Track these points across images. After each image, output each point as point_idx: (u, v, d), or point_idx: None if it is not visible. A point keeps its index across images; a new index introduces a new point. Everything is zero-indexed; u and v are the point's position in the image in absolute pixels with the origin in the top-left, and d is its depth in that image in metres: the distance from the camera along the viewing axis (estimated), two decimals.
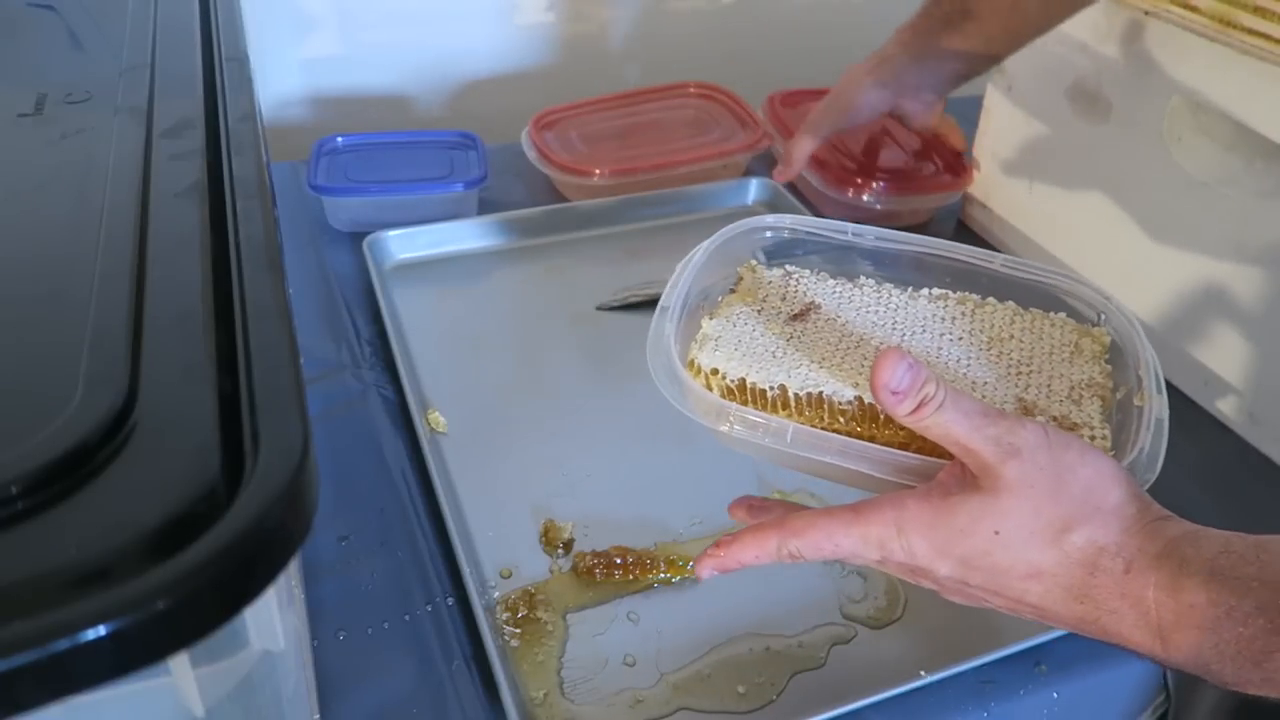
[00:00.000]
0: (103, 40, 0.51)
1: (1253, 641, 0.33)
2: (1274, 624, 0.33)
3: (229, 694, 0.32)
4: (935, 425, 0.38)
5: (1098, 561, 0.36)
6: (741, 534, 0.42)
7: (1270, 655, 0.33)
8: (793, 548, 0.40)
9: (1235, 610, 0.34)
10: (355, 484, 0.62)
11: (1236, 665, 0.34)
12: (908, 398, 0.38)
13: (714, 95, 1.02)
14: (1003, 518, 0.37)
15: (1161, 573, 0.35)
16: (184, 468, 0.25)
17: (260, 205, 0.36)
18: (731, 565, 0.42)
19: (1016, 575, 0.37)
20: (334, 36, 1.09)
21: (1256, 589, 0.34)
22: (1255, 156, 0.65)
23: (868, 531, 0.39)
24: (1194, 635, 0.34)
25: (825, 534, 0.40)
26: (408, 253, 0.84)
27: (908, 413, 0.38)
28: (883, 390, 0.38)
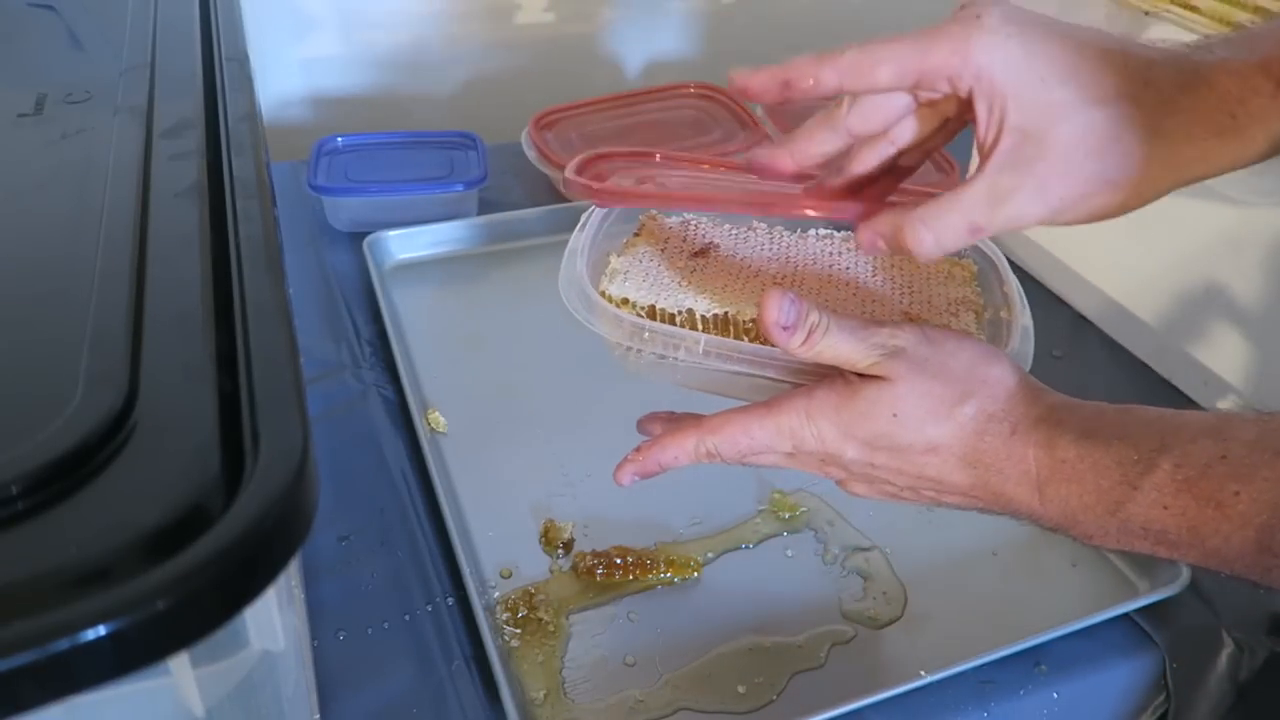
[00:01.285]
0: (103, 40, 0.51)
1: (1110, 491, 0.37)
2: (1127, 476, 0.37)
3: (229, 694, 0.32)
4: (826, 349, 0.40)
5: (986, 428, 0.39)
6: (660, 435, 0.44)
7: (1122, 505, 0.37)
8: (710, 445, 0.42)
9: (1099, 463, 0.37)
10: (355, 484, 0.62)
11: (1096, 515, 0.38)
12: (797, 330, 0.40)
13: (714, 95, 1.02)
14: (898, 401, 0.39)
15: (1040, 432, 0.39)
16: (184, 468, 0.25)
17: (260, 205, 0.36)
18: (651, 468, 0.44)
19: (917, 450, 0.40)
20: (334, 36, 1.09)
21: (1117, 446, 0.37)
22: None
23: (780, 421, 0.41)
24: (1064, 488, 0.38)
25: (741, 428, 0.42)
26: (408, 253, 0.84)
27: (799, 344, 0.40)
28: (773, 327, 0.40)
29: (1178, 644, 0.55)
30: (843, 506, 0.62)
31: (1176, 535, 0.36)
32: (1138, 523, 0.37)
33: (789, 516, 0.61)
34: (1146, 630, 0.56)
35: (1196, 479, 0.35)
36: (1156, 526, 0.36)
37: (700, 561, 0.58)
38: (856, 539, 0.60)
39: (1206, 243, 0.68)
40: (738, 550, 0.59)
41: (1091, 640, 0.55)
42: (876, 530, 0.61)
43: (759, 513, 0.62)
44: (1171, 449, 0.36)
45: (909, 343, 0.40)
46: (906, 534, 0.61)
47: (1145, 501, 0.36)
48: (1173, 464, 0.36)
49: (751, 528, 0.61)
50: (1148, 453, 0.36)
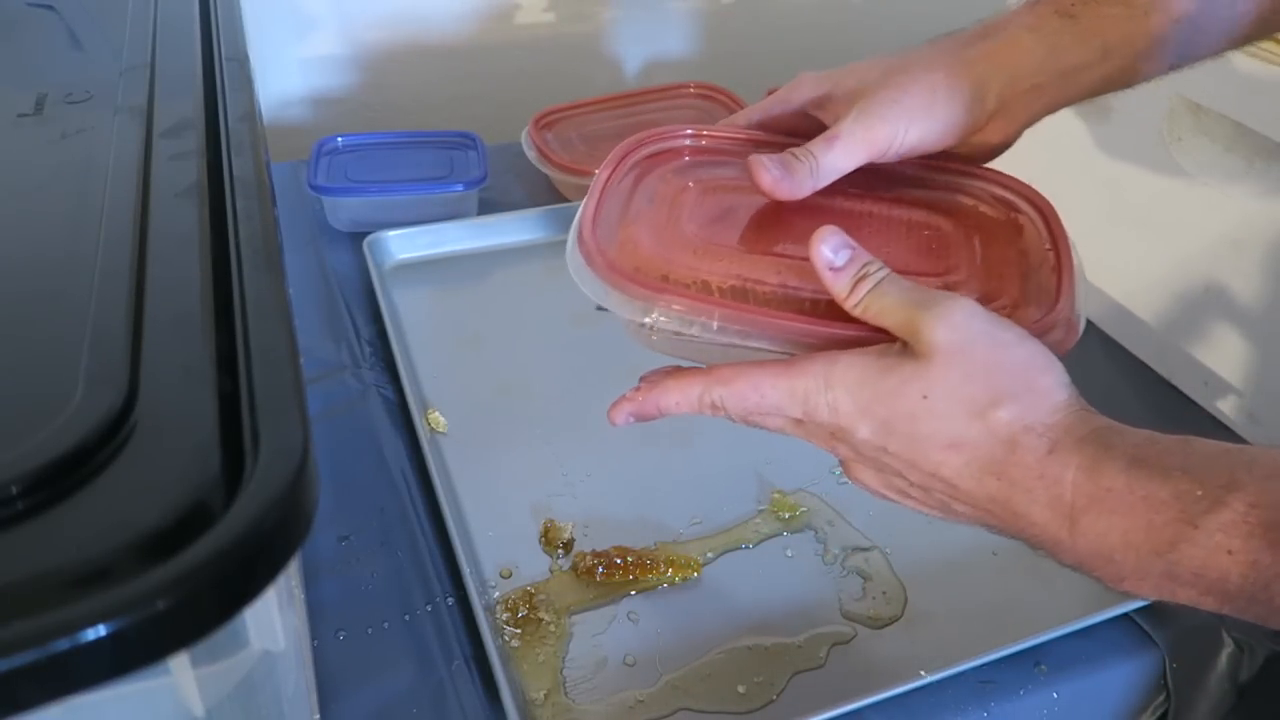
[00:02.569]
0: (103, 40, 0.51)
1: (1162, 529, 0.33)
2: (1187, 514, 0.32)
3: (229, 694, 0.32)
4: (873, 302, 0.37)
5: (1021, 439, 0.35)
6: (666, 378, 0.41)
7: (1175, 545, 0.32)
8: (716, 396, 0.39)
9: (1152, 497, 0.33)
10: (355, 484, 0.62)
11: (1139, 555, 0.33)
12: (846, 273, 0.38)
13: (714, 95, 1.02)
14: (933, 383, 0.36)
15: (1084, 455, 0.35)
16: (184, 468, 0.25)
17: (260, 205, 0.36)
18: (650, 410, 0.41)
19: (936, 445, 0.36)
20: (334, 36, 1.09)
21: (1177, 478, 0.33)
22: (1255, 156, 0.65)
23: (795, 384, 0.38)
24: (1104, 520, 0.34)
25: (752, 384, 0.38)
26: (408, 253, 0.84)
27: (847, 290, 0.38)
28: (823, 267, 0.38)
29: (1178, 644, 0.55)
30: (843, 506, 0.62)
31: (1238, 585, 0.32)
32: (1190, 567, 0.32)
33: (789, 516, 0.61)
34: (1146, 630, 0.56)
35: (1276, 523, 0.31)
36: (1214, 574, 0.32)
37: (700, 561, 0.58)
38: (856, 539, 0.60)
39: (1206, 243, 0.68)
40: (738, 550, 0.59)
41: (1091, 640, 0.55)
42: (876, 530, 0.61)
43: (759, 513, 0.62)
44: (1244, 486, 0.32)
45: (964, 315, 0.36)
46: (906, 534, 0.61)
47: (1205, 544, 0.32)
48: (1246, 504, 0.31)
49: (751, 528, 0.61)
50: (1214, 489, 0.32)
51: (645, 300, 0.40)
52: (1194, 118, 0.68)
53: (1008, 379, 0.36)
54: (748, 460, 0.65)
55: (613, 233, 0.44)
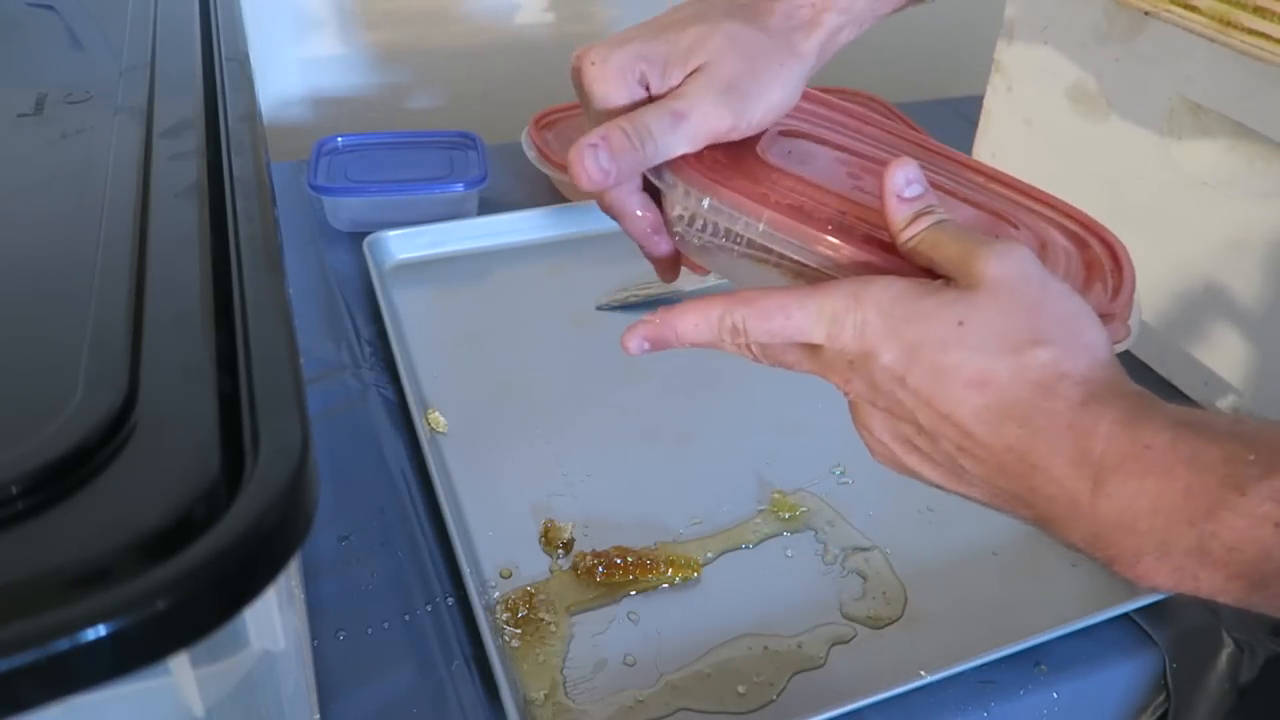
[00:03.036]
0: (103, 40, 0.51)
1: (1203, 494, 0.30)
2: (1235, 478, 0.30)
3: (229, 694, 0.32)
4: (927, 236, 0.36)
5: (1056, 386, 0.33)
6: (686, 301, 0.38)
7: (1215, 512, 0.30)
8: (738, 317, 0.37)
9: (1197, 458, 0.30)
10: (355, 484, 0.62)
11: (1170, 524, 0.30)
12: (911, 205, 0.36)
13: None
14: (972, 310, 0.34)
15: (1123, 409, 0.32)
16: (184, 468, 0.25)
17: (260, 205, 0.36)
18: (668, 335, 0.39)
19: (961, 379, 0.33)
20: (334, 36, 1.09)
21: (1226, 441, 0.30)
22: (1255, 156, 0.65)
23: (824, 304, 0.36)
24: (1136, 481, 0.31)
25: (778, 304, 0.36)
26: (408, 253, 0.84)
27: (907, 220, 0.36)
28: (890, 191, 0.36)
29: (1178, 644, 0.55)
30: (843, 506, 0.62)
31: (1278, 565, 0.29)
32: (1226, 540, 0.29)
33: (789, 516, 0.61)
34: (1146, 630, 0.56)
35: None
36: (1252, 550, 0.29)
37: (700, 561, 0.58)
38: (856, 539, 0.60)
39: (1207, 243, 0.68)
40: (738, 550, 0.59)
41: (1091, 640, 0.55)
42: (876, 530, 0.61)
43: (759, 513, 0.62)
44: None
45: (1020, 254, 0.34)
46: (906, 534, 0.61)
47: (1251, 513, 0.29)
48: None
49: (751, 528, 0.61)
50: (1269, 453, 0.29)
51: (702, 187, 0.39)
52: (1194, 118, 0.68)
53: (1052, 323, 0.33)
54: (748, 460, 0.65)
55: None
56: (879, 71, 1.26)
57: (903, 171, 0.37)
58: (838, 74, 0.85)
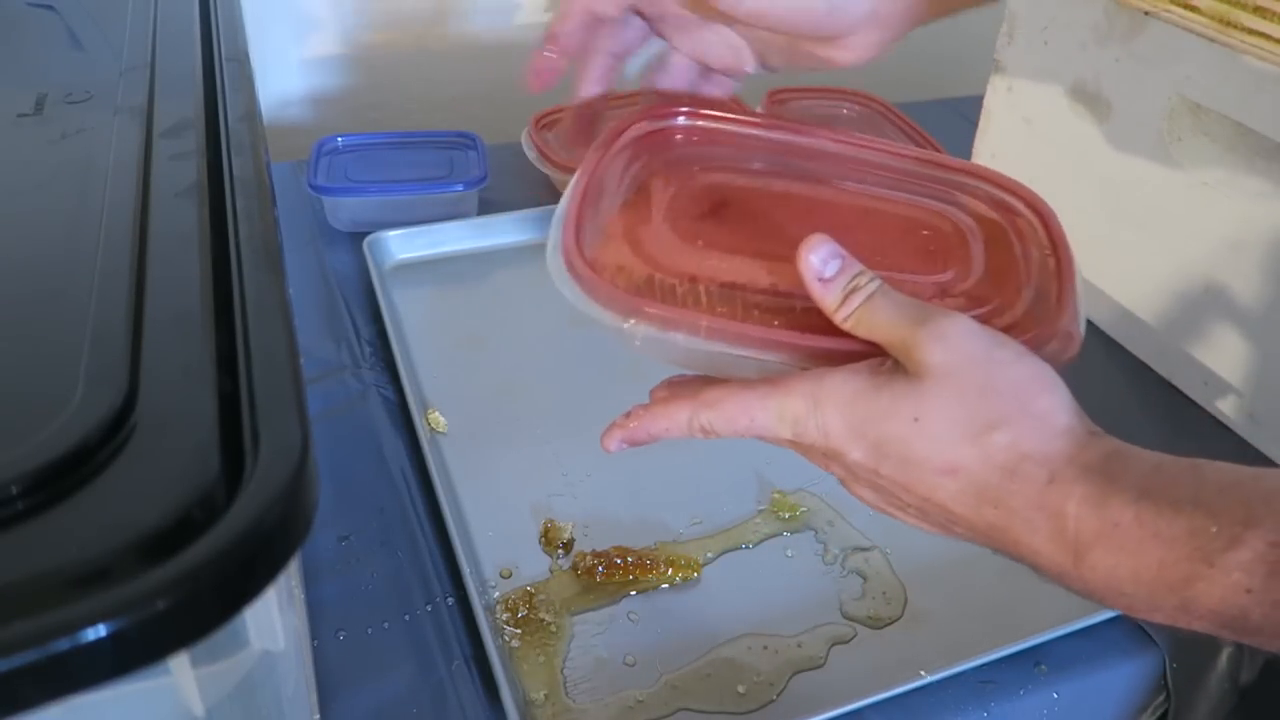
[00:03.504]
0: (103, 40, 0.51)
1: (1175, 567, 0.31)
2: (1202, 551, 0.31)
3: (229, 694, 0.32)
4: (864, 317, 0.36)
5: (1019, 467, 0.33)
6: (655, 403, 0.40)
7: (1190, 584, 0.31)
8: (705, 420, 0.38)
9: (1163, 533, 0.31)
10: (355, 484, 0.62)
11: (1152, 591, 0.32)
12: (835, 286, 0.36)
13: None
14: (925, 403, 0.34)
15: (1088, 486, 0.33)
16: (184, 468, 0.25)
17: (260, 205, 0.36)
18: (640, 436, 0.40)
19: (931, 468, 0.34)
20: (334, 36, 1.09)
21: (1189, 513, 0.31)
22: (1255, 156, 0.65)
23: (784, 404, 0.36)
24: (1113, 556, 0.32)
25: (741, 407, 0.37)
26: (408, 253, 0.84)
27: (836, 303, 0.36)
28: (811, 278, 0.36)
29: (1178, 644, 0.55)
30: (843, 506, 0.62)
31: (1259, 623, 0.30)
32: (1206, 605, 0.31)
33: (789, 516, 0.61)
34: (1146, 630, 0.56)
35: None
36: (1232, 611, 0.30)
37: (700, 561, 0.58)
38: (856, 539, 0.60)
39: (1207, 243, 0.68)
40: (738, 550, 0.59)
41: (1091, 640, 0.55)
42: (876, 530, 0.61)
43: (759, 513, 0.62)
44: (1262, 523, 0.30)
45: (957, 333, 0.35)
46: (906, 534, 0.60)
47: (1222, 583, 0.30)
48: (1265, 542, 0.29)
49: (751, 528, 0.61)
50: (1230, 525, 0.30)
51: (627, 310, 0.38)
52: (1194, 118, 0.68)
53: (1004, 401, 0.34)
54: (748, 460, 0.65)
55: (598, 226, 0.42)
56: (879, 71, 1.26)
57: (814, 255, 0.37)
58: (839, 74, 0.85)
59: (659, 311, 0.38)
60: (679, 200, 0.44)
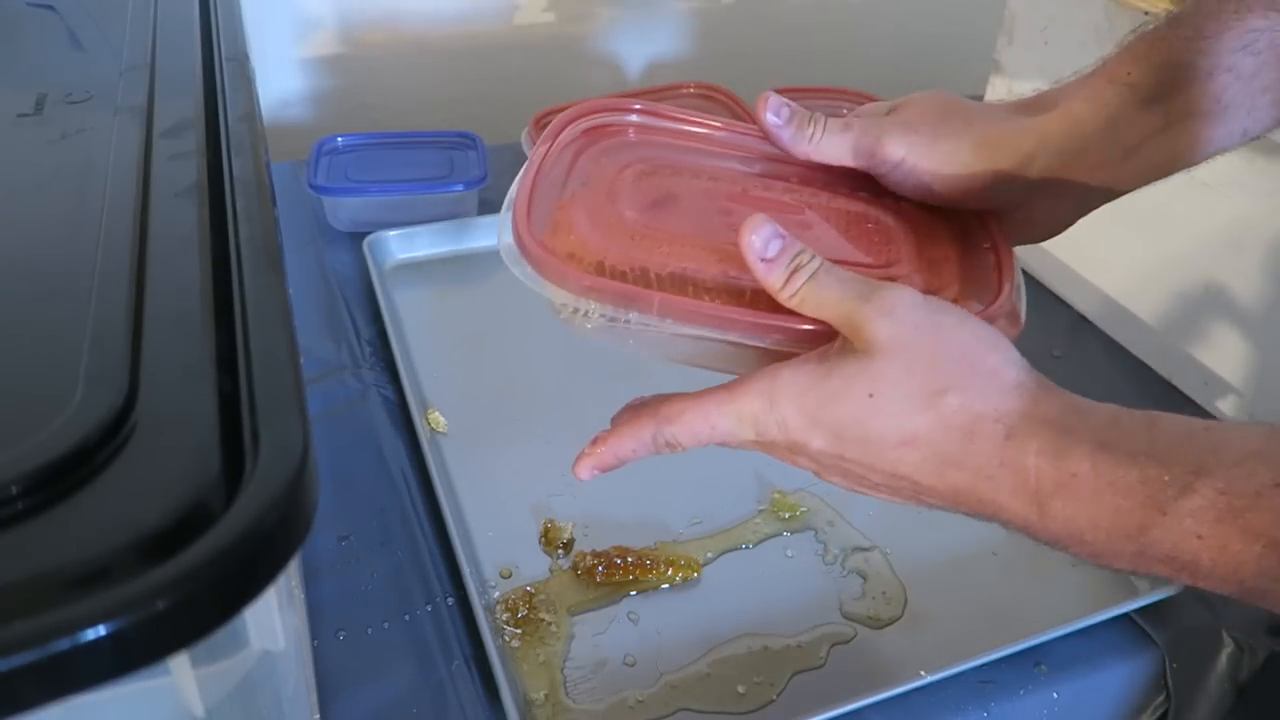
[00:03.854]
0: (103, 40, 0.51)
1: (1130, 514, 0.32)
2: (1155, 499, 0.32)
3: (229, 694, 0.32)
4: (810, 294, 0.36)
5: (975, 427, 0.34)
6: (617, 426, 0.40)
7: (1145, 530, 0.32)
8: (669, 435, 0.39)
9: (1118, 483, 0.32)
10: (355, 484, 0.62)
11: (1109, 537, 0.33)
12: (779, 265, 0.36)
13: (714, 95, 1.02)
14: (877, 380, 0.35)
15: (1044, 439, 0.34)
16: (184, 468, 0.25)
17: (260, 205, 0.36)
18: (609, 461, 0.41)
19: (890, 444, 0.35)
20: (334, 36, 1.09)
21: (1143, 463, 0.32)
22: (1255, 156, 0.65)
23: (741, 407, 0.37)
24: (1072, 506, 0.33)
25: (700, 416, 0.38)
26: (408, 253, 0.84)
27: (780, 282, 0.36)
28: (753, 259, 0.36)
29: (1178, 644, 0.55)
30: (843, 506, 0.62)
31: (1210, 567, 0.31)
32: (1161, 550, 0.32)
33: (789, 516, 0.61)
34: (1146, 630, 0.56)
35: (1244, 509, 0.30)
36: (1185, 557, 0.32)
37: (700, 561, 0.58)
38: (856, 539, 0.60)
39: (1207, 242, 0.68)
40: (738, 550, 0.59)
41: (1091, 640, 0.55)
42: (876, 530, 0.61)
43: (759, 513, 0.62)
44: (1212, 472, 0.31)
45: (902, 304, 0.35)
46: (906, 534, 0.61)
47: (1175, 529, 0.32)
48: (1214, 490, 0.31)
49: (751, 528, 0.61)
50: (1182, 474, 0.32)
51: (582, 291, 0.39)
52: None
53: (952, 365, 0.35)
54: (748, 460, 0.64)
55: (547, 214, 0.42)
56: (879, 71, 1.26)
57: (756, 235, 0.37)
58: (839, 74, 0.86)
59: (615, 287, 0.38)
60: (627, 192, 0.44)
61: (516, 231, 0.40)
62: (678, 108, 0.49)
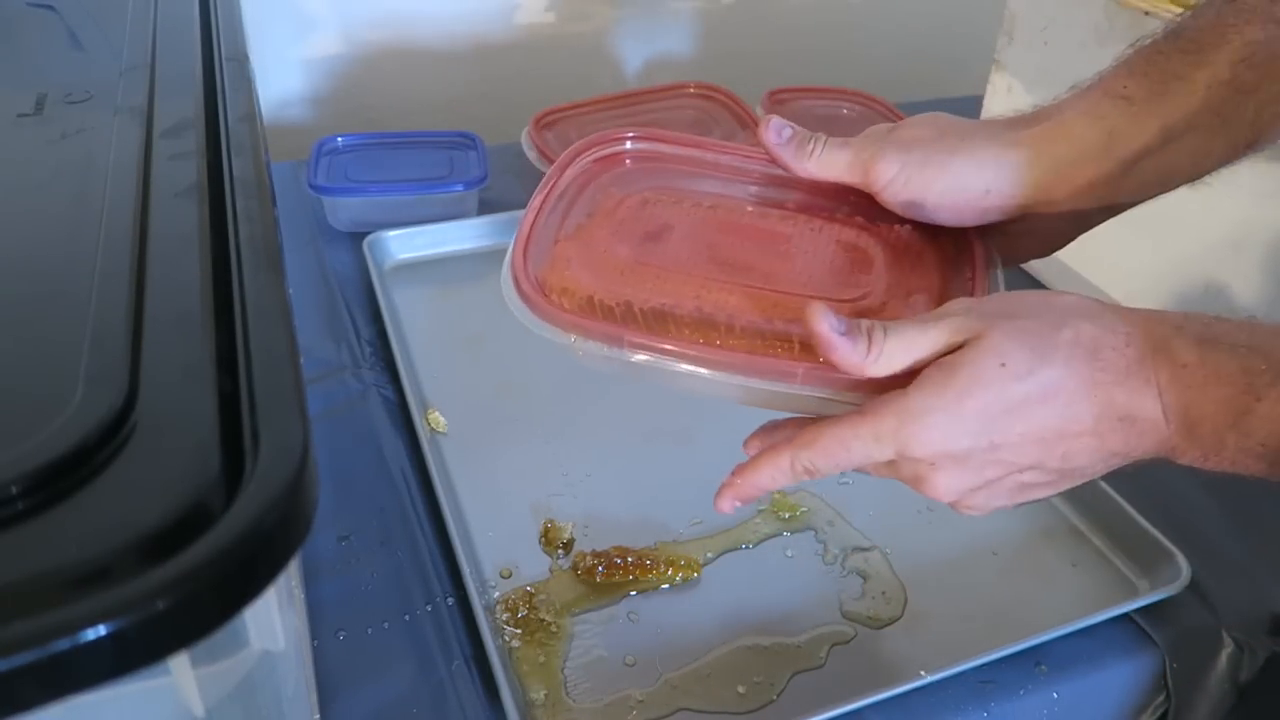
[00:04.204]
0: (103, 40, 0.51)
1: (1231, 401, 0.35)
2: (1252, 385, 0.34)
3: (229, 694, 0.32)
4: (897, 348, 0.37)
5: (1098, 345, 0.36)
6: (756, 458, 0.41)
7: (1243, 416, 0.35)
8: (806, 461, 0.39)
9: (1220, 370, 0.35)
10: (355, 484, 0.62)
11: (1214, 427, 0.35)
12: (852, 336, 0.37)
13: (714, 95, 1.02)
14: (1001, 348, 0.36)
15: (1157, 337, 0.37)
16: (184, 468, 0.25)
17: (260, 205, 0.36)
18: (749, 492, 0.41)
19: (1035, 400, 0.36)
20: (334, 36, 1.10)
21: (1243, 353, 0.35)
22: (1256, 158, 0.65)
23: (878, 427, 0.37)
24: (1184, 395, 0.36)
25: (837, 440, 0.38)
26: (408, 253, 0.84)
27: (864, 350, 0.37)
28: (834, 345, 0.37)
29: (1178, 644, 0.55)
30: (843, 506, 0.62)
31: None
32: (1257, 437, 0.35)
33: (789, 516, 0.61)
34: (1146, 630, 0.56)
35: None
36: (1276, 443, 0.34)
37: (700, 561, 0.58)
38: (856, 539, 0.60)
39: (1207, 243, 0.68)
40: (738, 550, 0.59)
41: (1091, 640, 0.55)
42: (876, 530, 0.61)
43: (759, 513, 0.62)
44: None
45: (971, 303, 0.38)
46: (906, 534, 0.61)
47: (1269, 415, 0.34)
48: None
49: (751, 528, 0.61)
50: (1277, 363, 0.34)
51: (570, 328, 0.41)
52: None
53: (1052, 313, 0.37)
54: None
55: (546, 249, 0.45)
56: (879, 71, 1.26)
57: (826, 320, 0.37)
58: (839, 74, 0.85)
59: (599, 327, 0.41)
60: (625, 224, 0.47)
61: (513, 269, 0.43)
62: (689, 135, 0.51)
